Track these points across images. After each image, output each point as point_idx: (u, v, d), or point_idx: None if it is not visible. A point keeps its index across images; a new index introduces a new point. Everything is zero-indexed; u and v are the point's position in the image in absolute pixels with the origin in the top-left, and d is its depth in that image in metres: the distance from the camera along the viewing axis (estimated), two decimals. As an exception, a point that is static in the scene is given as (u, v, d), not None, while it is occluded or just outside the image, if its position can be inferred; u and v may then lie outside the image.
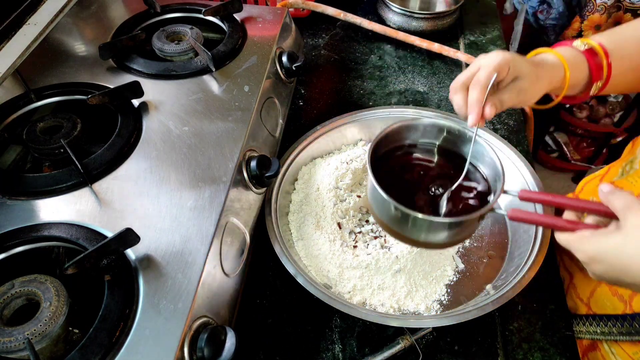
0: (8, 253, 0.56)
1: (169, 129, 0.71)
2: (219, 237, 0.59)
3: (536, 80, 0.58)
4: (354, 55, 1.11)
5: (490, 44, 1.14)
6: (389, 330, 0.66)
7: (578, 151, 2.07)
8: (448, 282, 0.70)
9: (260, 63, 0.83)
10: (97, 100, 0.72)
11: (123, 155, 0.67)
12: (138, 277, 0.54)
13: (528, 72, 0.57)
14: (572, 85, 0.62)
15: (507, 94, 0.58)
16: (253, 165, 0.68)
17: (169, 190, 0.63)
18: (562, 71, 0.60)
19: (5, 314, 0.52)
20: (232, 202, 0.64)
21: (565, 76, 0.60)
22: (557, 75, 0.60)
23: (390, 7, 1.12)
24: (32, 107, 0.75)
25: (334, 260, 0.70)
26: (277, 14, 0.93)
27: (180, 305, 0.52)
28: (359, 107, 0.96)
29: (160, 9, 0.92)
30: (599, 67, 0.61)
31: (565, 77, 0.60)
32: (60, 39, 0.87)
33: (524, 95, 0.58)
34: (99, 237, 0.57)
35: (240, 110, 0.74)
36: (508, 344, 0.65)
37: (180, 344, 0.49)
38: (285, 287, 0.70)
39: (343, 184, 0.78)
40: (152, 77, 0.80)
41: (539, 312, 0.68)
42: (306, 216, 0.76)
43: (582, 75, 0.62)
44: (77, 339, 0.53)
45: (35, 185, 0.63)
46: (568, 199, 0.53)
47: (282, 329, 0.66)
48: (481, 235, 0.76)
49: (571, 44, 0.63)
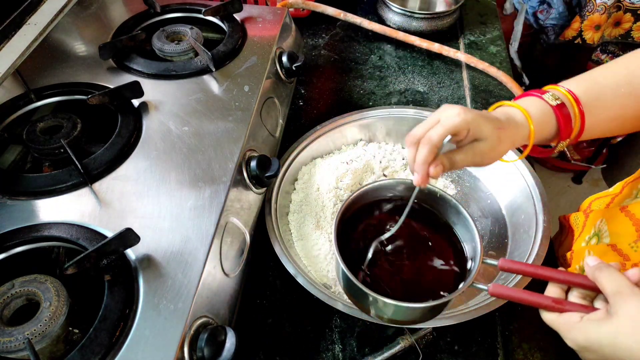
0: (8, 253, 0.56)
1: (169, 129, 0.71)
2: (219, 237, 0.59)
3: (498, 144, 0.53)
4: (354, 55, 1.11)
5: (490, 44, 1.14)
6: (389, 330, 0.66)
7: (578, 151, 2.07)
8: (448, 282, 0.70)
9: (260, 63, 0.83)
10: (97, 100, 0.72)
11: (123, 155, 0.67)
12: (138, 277, 0.54)
13: (489, 135, 0.52)
14: (539, 141, 0.58)
15: (461, 154, 0.53)
16: (253, 165, 0.68)
17: (169, 190, 0.63)
18: (526, 130, 0.55)
19: (5, 314, 0.52)
20: (232, 202, 0.64)
21: (529, 135, 0.55)
22: (519, 134, 0.55)
23: (390, 7, 1.12)
24: (32, 107, 0.75)
25: (334, 260, 0.70)
26: (277, 14, 0.93)
27: (180, 305, 0.52)
28: (359, 107, 0.96)
29: (160, 9, 0.92)
30: (568, 128, 0.56)
31: (530, 136, 0.55)
32: (60, 39, 0.87)
33: (481, 158, 0.54)
34: (99, 237, 0.57)
35: (240, 110, 0.74)
36: (508, 344, 0.65)
37: (180, 344, 0.49)
38: (285, 287, 0.70)
39: (343, 184, 0.78)
40: (152, 77, 0.80)
41: (539, 312, 0.67)
42: (306, 216, 0.76)
43: (548, 131, 0.57)
44: (77, 339, 0.53)
45: (35, 185, 0.63)
46: (551, 271, 0.50)
47: (282, 329, 0.66)
48: (481, 235, 0.76)
49: (541, 95, 0.57)
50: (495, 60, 1.09)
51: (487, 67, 1.02)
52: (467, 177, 0.84)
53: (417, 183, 0.53)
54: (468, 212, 0.57)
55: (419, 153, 0.52)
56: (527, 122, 0.55)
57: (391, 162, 0.83)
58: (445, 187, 0.83)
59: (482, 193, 0.82)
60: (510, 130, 0.54)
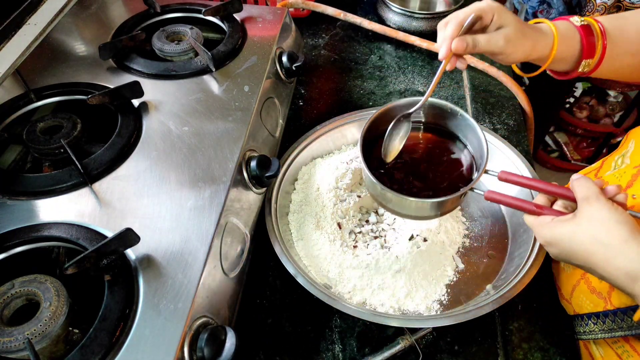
0: (8, 253, 0.56)
1: (169, 129, 0.71)
2: (219, 237, 0.59)
3: (521, 36, 0.58)
4: (354, 55, 1.11)
5: (490, 44, 1.14)
6: (389, 330, 0.66)
7: (578, 151, 2.07)
8: (448, 282, 0.70)
9: (260, 63, 0.83)
10: (97, 100, 0.72)
11: (123, 155, 0.67)
12: (138, 277, 0.54)
13: (513, 24, 0.58)
14: (561, 58, 0.62)
15: (485, 36, 0.58)
16: (253, 165, 0.68)
17: (169, 190, 0.63)
18: (550, 39, 0.60)
19: (5, 314, 0.52)
20: (232, 202, 0.64)
21: (552, 45, 0.60)
22: (543, 41, 0.60)
23: (390, 7, 1.12)
24: (32, 107, 0.75)
25: (334, 260, 0.70)
26: (277, 14, 0.93)
27: (180, 305, 0.52)
28: (359, 107, 0.96)
29: (160, 9, 0.92)
30: (591, 45, 0.61)
31: (553, 45, 0.60)
32: (60, 39, 0.87)
33: (503, 44, 0.58)
34: (99, 237, 0.57)
35: (240, 110, 0.74)
36: (508, 344, 0.65)
37: (180, 344, 0.49)
38: (285, 287, 0.70)
39: (343, 184, 0.78)
40: (152, 77, 0.80)
41: (539, 312, 0.68)
42: (306, 216, 0.76)
43: (571, 49, 0.61)
44: (77, 339, 0.53)
45: (35, 185, 0.63)
46: (542, 183, 0.56)
47: (282, 329, 0.66)
48: (481, 235, 0.76)
49: (569, 18, 0.63)
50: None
51: (487, 67, 1.02)
52: (467, 177, 0.84)
53: (440, 56, 0.59)
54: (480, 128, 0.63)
55: (446, 30, 0.58)
56: (552, 31, 0.60)
57: (391, 162, 0.83)
58: (445, 187, 0.83)
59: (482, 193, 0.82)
60: (534, 30, 0.60)
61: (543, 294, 0.69)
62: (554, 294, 0.69)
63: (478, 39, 0.58)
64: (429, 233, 0.72)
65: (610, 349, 0.59)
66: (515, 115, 0.96)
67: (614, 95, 1.94)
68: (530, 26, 0.60)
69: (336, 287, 0.69)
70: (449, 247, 0.73)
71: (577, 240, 0.50)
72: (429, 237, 0.71)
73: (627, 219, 0.48)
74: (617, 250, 0.47)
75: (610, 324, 0.57)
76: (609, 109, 1.95)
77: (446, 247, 0.73)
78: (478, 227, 0.77)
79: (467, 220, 0.78)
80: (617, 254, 0.47)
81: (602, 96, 1.96)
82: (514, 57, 0.59)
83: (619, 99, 1.96)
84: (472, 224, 0.78)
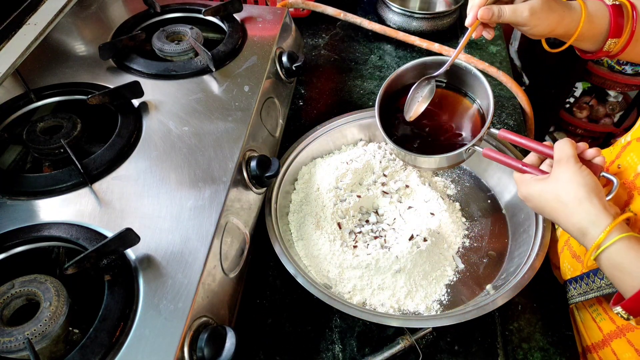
0: (8, 253, 0.56)
1: (169, 129, 0.71)
2: (219, 237, 0.59)
3: (547, 9, 0.59)
4: (354, 55, 1.11)
5: (490, 43, 1.14)
6: (389, 330, 0.66)
7: (578, 151, 2.07)
8: (448, 282, 0.70)
9: (260, 63, 0.83)
10: (97, 100, 0.72)
11: (123, 155, 0.67)
12: (138, 277, 0.54)
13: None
14: (588, 37, 0.62)
15: (512, 6, 0.59)
16: (253, 165, 0.68)
17: (169, 190, 0.63)
18: (577, 14, 0.60)
19: (5, 314, 0.52)
20: (232, 202, 0.64)
21: (579, 21, 0.60)
22: (569, 17, 0.60)
23: (390, 7, 1.12)
24: (32, 107, 0.75)
25: (334, 260, 0.70)
26: (277, 14, 0.93)
27: (180, 305, 0.52)
28: (359, 107, 0.96)
29: (160, 9, 0.92)
30: (619, 26, 0.61)
31: (580, 22, 0.60)
32: (60, 39, 0.87)
33: (529, 15, 0.59)
34: (99, 237, 0.57)
35: (240, 110, 0.74)
36: (508, 344, 0.65)
37: (180, 344, 0.49)
38: (285, 287, 0.70)
39: (343, 184, 0.78)
40: (152, 77, 0.80)
41: (539, 312, 0.68)
42: (306, 216, 0.76)
43: (599, 28, 0.61)
44: (77, 339, 0.53)
45: (35, 185, 0.63)
46: (534, 143, 0.61)
47: (282, 329, 0.66)
48: (481, 235, 0.76)
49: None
50: (495, 60, 1.09)
51: (487, 67, 1.02)
52: (467, 177, 0.84)
53: (467, 23, 0.62)
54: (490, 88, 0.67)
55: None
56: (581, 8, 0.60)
57: (391, 162, 0.83)
58: (446, 186, 0.83)
59: (482, 193, 0.82)
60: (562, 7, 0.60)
61: (543, 294, 0.69)
62: (554, 294, 0.70)
63: (504, 9, 0.59)
64: (429, 233, 0.72)
65: (587, 312, 0.64)
66: (515, 115, 0.96)
67: (614, 95, 1.95)
68: (559, 1, 0.60)
69: (336, 287, 0.69)
70: (449, 247, 0.73)
71: (544, 198, 0.56)
72: (429, 237, 0.71)
73: (588, 181, 0.53)
74: (573, 209, 0.53)
75: (585, 287, 0.62)
76: (609, 109, 1.95)
77: (446, 247, 0.73)
78: (478, 227, 0.77)
79: (467, 220, 0.78)
80: (573, 212, 0.53)
81: (602, 96, 1.96)
82: (538, 29, 0.60)
83: (619, 99, 1.96)
84: (472, 224, 0.78)
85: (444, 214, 0.75)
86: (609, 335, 0.60)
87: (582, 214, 0.52)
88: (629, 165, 0.60)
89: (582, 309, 0.65)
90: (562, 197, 0.54)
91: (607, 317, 0.61)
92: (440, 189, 0.81)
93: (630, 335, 0.58)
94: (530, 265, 0.65)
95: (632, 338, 0.58)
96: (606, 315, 0.61)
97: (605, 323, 0.61)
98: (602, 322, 0.61)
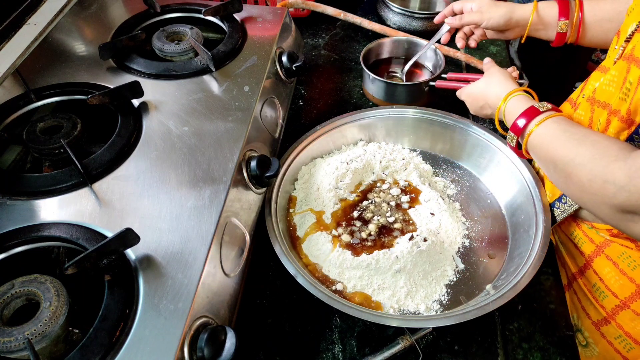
0: (8, 253, 0.56)
1: (169, 129, 0.71)
2: (219, 237, 0.59)
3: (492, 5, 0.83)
4: (354, 55, 1.11)
5: (490, 43, 1.14)
6: (389, 330, 0.66)
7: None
8: (448, 282, 0.70)
9: (260, 63, 0.83)
10: (97, 100, 0.72)
11: (123, 155, 0.67)
12: (138, 277, 0.54)
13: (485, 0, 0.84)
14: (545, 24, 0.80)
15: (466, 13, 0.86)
16: (253, 165, 0.68)
17: (169, 190, 0.63)
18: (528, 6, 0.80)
19: (5, 314, 0.52)
20: (232, 202, 0.64)
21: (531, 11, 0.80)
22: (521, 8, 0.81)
23: (390, 7, 1.12)
24: (32, 107, 0.75)
25: (334, 260, 0.70)
26: (277, 14, 0.93)
27: (180, 305, 0.52)
28: (359, 107, 0.96)
29: (160, 9, 0.92)
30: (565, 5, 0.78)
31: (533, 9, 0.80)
32: (60, 39, 0.87)
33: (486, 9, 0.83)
34: (99, 237, 0.57)
35: (240, 110, 0.74)
36: (508, 344, 0.65)
37: (180, 344, 0.49)
38: (285, 287, 0.70)
39: (343, 184, 0.78)
40: (152, 77, 0.80)
41: (539, 312, 0.68)
42: (306, 216, 0.76)
43: (553, 12, 0.79)
44: (77, 339, 0.53)
45: (35, 185, 0.63)
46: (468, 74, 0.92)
47: (282, 329, 0.66)
48: (481, 235, 0.76)
49: None
50: (495, 60, 1.08)
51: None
52: (467, 177, 0.84)
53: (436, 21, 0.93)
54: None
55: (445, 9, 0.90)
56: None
57: (391, 162, 0.83)
58: (446, 187, 0.83)
59: (482, 193, 0.82)
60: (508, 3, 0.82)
61: (543, 293, 0.69)
62: (554, 294, 0.70)
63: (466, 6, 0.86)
64: (429, 233, 0.72)
65: (570, 242, 0.73)
66: (515, 115, 0.96)
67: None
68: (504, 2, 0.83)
69: (336, 287, 0.69)
70: (449, 247, 0.73)
71: (477, 88, 0.76)
72: (429, 237, 0.71)
73: (507, 75, 0.74)
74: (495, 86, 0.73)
75: (563, 206, 0.71)
76: (608, 109, 1.95)
77: (446, 247, 0.73)
78: (478, 227, 0.77)
79: (467, 220, 0.78)
80: (494, 87, 0.73)
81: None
82: (493, 21, 0.83)
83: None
84: (472, 224, 0.78)
85: (444, 214, 0.75)
86: (589, 257, 0.70)
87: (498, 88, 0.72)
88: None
89: (566, 240, 0.75)
90: (490, 82, 0.74)
91: (587, 240, 0.70)
92: (440, 189, 0.81)
93: (608, 250, 0.67)
94: (530, 265, 0.65)
95: (609, 252, 0.67)
96: (586, 239, 0.70)
97: (587, 245, 0.70)
98: (584, 246, 0.70)
